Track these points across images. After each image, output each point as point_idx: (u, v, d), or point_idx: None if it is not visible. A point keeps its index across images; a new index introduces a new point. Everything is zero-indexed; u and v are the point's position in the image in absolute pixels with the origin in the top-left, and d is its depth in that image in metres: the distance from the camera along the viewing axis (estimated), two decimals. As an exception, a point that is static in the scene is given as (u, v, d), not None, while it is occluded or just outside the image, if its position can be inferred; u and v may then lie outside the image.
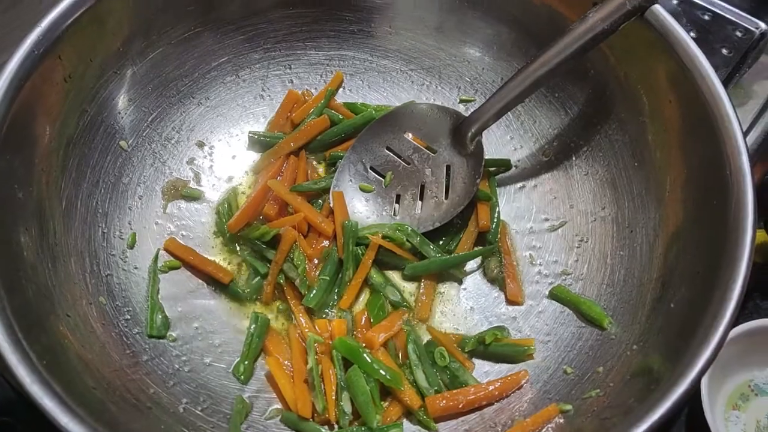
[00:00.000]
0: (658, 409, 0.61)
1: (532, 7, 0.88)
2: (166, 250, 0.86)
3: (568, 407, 0.71)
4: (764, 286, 1.03)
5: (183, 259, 0.85)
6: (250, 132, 0.96)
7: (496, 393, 0.76)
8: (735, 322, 0.89)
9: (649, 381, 0.67)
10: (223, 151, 0.95)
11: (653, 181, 0.81)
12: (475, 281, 0.88)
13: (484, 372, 0.81)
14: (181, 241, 0.87)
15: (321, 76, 1.00)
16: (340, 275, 0.86)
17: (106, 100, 0.84)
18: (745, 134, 1.04)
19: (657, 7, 0.76)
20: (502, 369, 0.81)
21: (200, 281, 0.85)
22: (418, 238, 0.87)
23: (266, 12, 0.94)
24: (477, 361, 0.82)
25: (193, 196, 0.91)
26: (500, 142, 0.96)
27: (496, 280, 0.88)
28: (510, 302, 0.86)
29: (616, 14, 0.76)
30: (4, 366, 0.57)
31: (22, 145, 0.73)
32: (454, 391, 0.76)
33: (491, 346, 0.81)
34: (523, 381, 0.77)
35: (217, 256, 0.88)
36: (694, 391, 0.64)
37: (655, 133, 0.80)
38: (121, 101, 0.86)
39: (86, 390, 0.64)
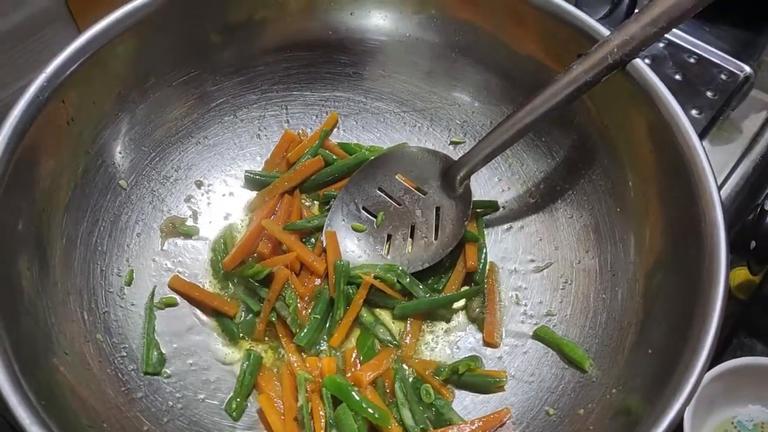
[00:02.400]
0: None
1: (519, 58, 0.91)
2: (171, 287, 0.88)
3: (550, 449, 0.74)
4: (748, 324, 1.06)
5: (188, 295, 0.88)
6: (246, 171, 0.98)
7: (479, 431, 0.78)
8: (719, 359, 0.92)
9: (630, 422, 0.69)
10: (220, 189, 0.98)
11: (634, 227, 0.83)
12: (462, 320, 0.90)
13: (464, 406, 0.83)
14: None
15: (316, 117, 1.03)
16: (330, 314, 0.88)
17: (107, 141, 0.87)
18: (734, 167, 1.08)
19: (638, 61, 0.79)
20: (481, 400, 0.83)
21: (195, 318, 0.87)
22: (408, 279, 0.90)
23: (264, 55, 0.97)
24: (458, 393, 0.84)
25: (190, 233, 0.93)
26: (488, 184, 0.99)
27: (476, 320, 0.90)
28: (486, 343, 0.88)
29: (599, 67, 0.78)
30: (5, 407, 0.59)
31: (26, 185, 0.75)
32: (439, 430, 0.78)
33: (464, 376, 0.83)
34: (506, 419, 0.79)
35: (211, 293, 0.90)
36: (675, 429, 0.66)
37: (635, 182, 0.83)
38: (122, 142, 0.89)
39: (82, 429, 0.66)
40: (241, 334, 0.87)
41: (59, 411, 0.64)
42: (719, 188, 0.73)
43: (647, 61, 1.16)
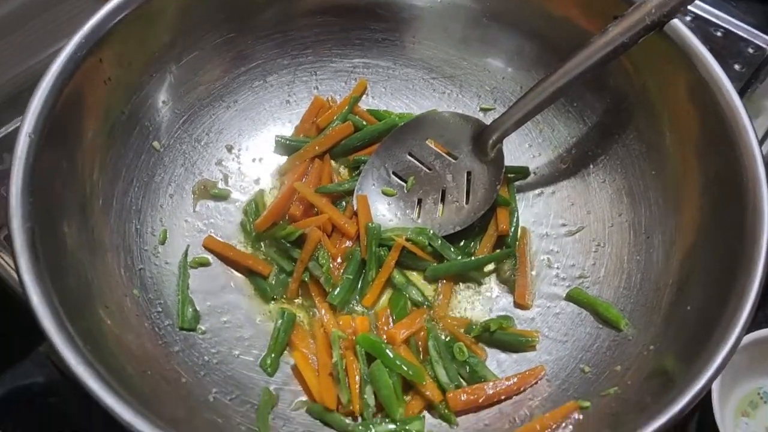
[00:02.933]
0: (673, 407, 0.63)
1: (554, 21, 0.91)
2: (205, 246, 0.89)
3: (587, 404, 0.73)
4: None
5: (223, 255, 0.88)
6: (276, 136, 0.99)
7: (514, 387, 0.78)
8: (747, 329, 0.91)
9: (665, 380, 0.69)
10: (250, 153, 0.98)
11: (670, 189, 0.83)
12: (493, 283, 0.91)
13: (498, 364, 0.83)
14: (209, 240, 0.90)
15: (345, 83, 1.03)
16: (362, 275, 0.89)
17: (143, 102, 0.87)
18: (762, 140, 1.07)
19: (676, 21, 0.79)
20: (515, 359, 0.83)
21: (228, 278, 0.88)
22: (440, 242, 0.90)
23: (296, 20, 0.97)
24: (491, 352, 0.84)
25: (222, 196, 0.94)
26: (519, 150, 0.99)
27: (508, 282, 0.90)
28: (517, 305, 0.88)
29: (636, 28, 0.78)
30: (51, 349, 0.60)
31: (65, 142, 0.76)
32: (474, 386, 0.79)
33: (496, 334, 0.84)
34: (541, 375, 0.80)
35: (243, 254, 0.91)
36: (707, 392, 0.66)
37: (673, 143, 0.83)
38: (157, 103, 0.89)
39: (125, 375, 0.66)
40: (273, 295, 0.87)
41: (104, 356, 0.64)
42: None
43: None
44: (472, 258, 0.90)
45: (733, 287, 0.68)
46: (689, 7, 1.20)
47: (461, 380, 0.81)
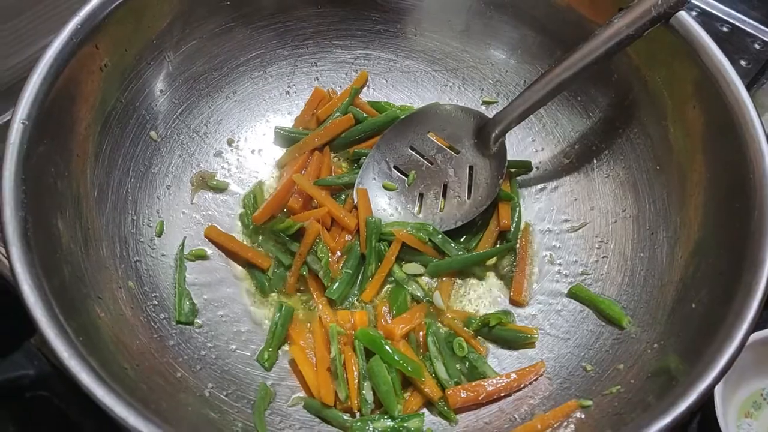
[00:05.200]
0: (677, 408, 0.62)
1: (558, 11, 0.90)
2: (207, 236, 0.88)
3: (589, 403, 0.72)
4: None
5: (223, 245, 0.87)
6: (276, 127, 0.97)
7: (515, 384, 0.77)
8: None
9: (669, 380, 0.68)
10: (249, 145, 0.97)
11: (675, 184, 0.82)
12: (495, 280, 0.89)
13: (499, 361, 0.82)
14: (207, 231, 0.89)
15: (346, 75, 1.02)
16: (362, 269, 0.87)
17: (139, 91, 0.86)
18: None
19: (682, 14, 0.78)
20: (516, 357, 0.82)
21: (226, 271, 0.87)
22: (440, 237, 0.88)
23: (296, 9, 0.96)
24: (492, 349, 0.83)
25: (220, 188, 0.93)
26: (522, 144, 0.97)
27: (505, 278, 0.89)
28: (513, 301, 0.87)
29: (642, 20, 0.77)
30: (43, 341, 0.59)
31: (60, 130, 0.74)
32: (474, 382, 0.77)
33: (495, 330, 0.83)
34: (541, 371, 0.79)
35: (240, 247, 0.89)
36: (711, 393, 0.65)
37: (678, 137, 0.81)
38: (154, 92, 0.88)
39: (119, 369, 0.65)
40: (271, 289, 0.86)
41: (97, 349, 0.63)
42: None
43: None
44: (473, 253, 0.89)
45: (740, 284, 0.66)
46: (694, 1, 1.18)
47: (461, 376, 0.79)
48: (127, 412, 0.57)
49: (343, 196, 0.93)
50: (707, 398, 0.63)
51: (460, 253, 0.88)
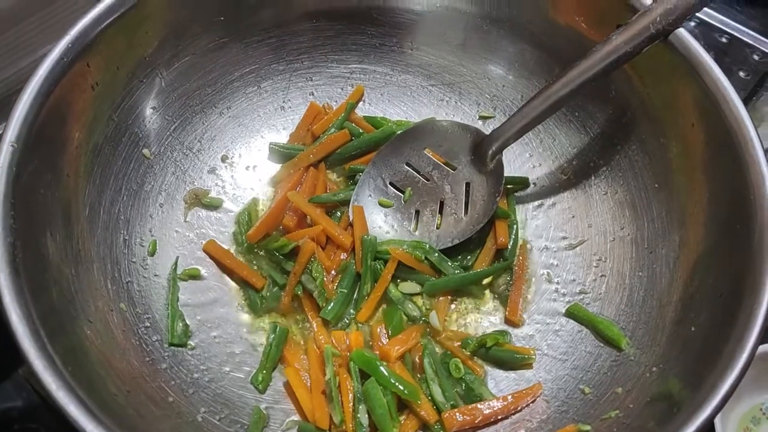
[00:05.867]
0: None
1: (556, 27, 0.89)
2: (205, 250, 0.87)
3: (587, 428, 0.71)
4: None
5: (220, 261, 0.87)
6: (271, 143, 0.96)
7: (512, 406, 0.76)
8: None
9: (670, 405, 0.67)
10: (244, 161, 0.96)
11: (674, 203, 0.81)
12: (491, 299, 0.88)
13: (496, 383, 0.81)
14: (199, 252, 0.88)
15: (342, 89, 1.01)
16: (357, 288, 0.86)
17: (132, 108, 0.85)
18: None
19: (681, 31, 0.77)
20: (514, 378, 0.81)
21: (219, 291, 0.86)
22: (437, 255, 0.87)
23: (291, 24, 0.95)
24: (490, 371, 0.82)
25: (214, 205, 0.92)
26: (519, 160, 0.96)
27: (501, 297, 0.88)
28: (508, 321, 0.86)
29: (640, 37, 0.76)
30: (31, 372, 0.57)
31: (50, 150, 0.74)
32: (470, 406, 0.76)
33: (492, 350, 0.82)
34: (538, 393, 0.78)
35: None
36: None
37: (677, 156, 0.80)
38: (146, 110, 0.87)
39: (108, 396, 0.64)
40: (266, 308, 0.85)
41: (85, 377, 0.62)
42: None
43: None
44: (470, 272, 0.88)
45: (740, 308, 0.66)
46: (693, 13, 1.17)
47: (458, 399, 0.78)
48: (116, 444, 0.56)
49: (339, 213, 0.92)
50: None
51: (456, 271, 0.87)
